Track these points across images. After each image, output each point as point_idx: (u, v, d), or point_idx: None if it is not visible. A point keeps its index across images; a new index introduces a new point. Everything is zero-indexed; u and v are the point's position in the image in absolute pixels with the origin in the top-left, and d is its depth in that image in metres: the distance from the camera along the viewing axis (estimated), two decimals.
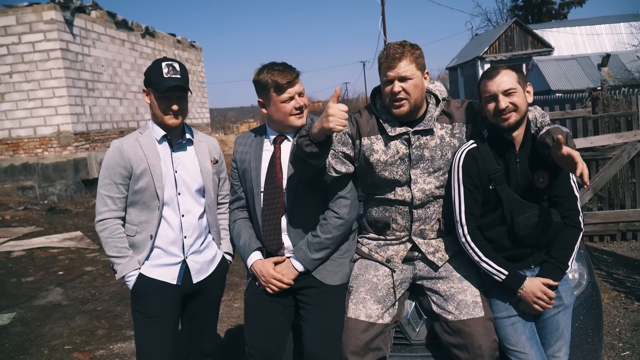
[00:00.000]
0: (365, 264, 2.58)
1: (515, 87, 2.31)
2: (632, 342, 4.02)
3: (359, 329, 2.37)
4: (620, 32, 32.29)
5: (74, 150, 13.50)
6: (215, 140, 2.89)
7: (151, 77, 2.55)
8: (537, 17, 43.22)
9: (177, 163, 2.64)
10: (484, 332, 2.32)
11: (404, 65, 2.35)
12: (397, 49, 2.37)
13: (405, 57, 2.36)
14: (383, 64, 2.41)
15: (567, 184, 2.39)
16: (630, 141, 6.63)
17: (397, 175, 2.49)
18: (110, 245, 2.56)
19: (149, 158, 2.57)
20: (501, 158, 2.39)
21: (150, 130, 2.64)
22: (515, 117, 2.31)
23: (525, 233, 2.33)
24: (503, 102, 2.28)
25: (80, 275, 6.89)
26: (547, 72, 26.69)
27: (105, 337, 4.81)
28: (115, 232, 2.56)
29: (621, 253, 6.37)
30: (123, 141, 2.61)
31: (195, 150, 2.72)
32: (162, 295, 2.59)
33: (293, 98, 2.54)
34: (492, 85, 2.32)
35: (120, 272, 2.57)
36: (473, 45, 37.24)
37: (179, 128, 2.66)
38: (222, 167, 2.86)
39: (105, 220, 2.57)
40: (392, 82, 2.38)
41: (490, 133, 2.42)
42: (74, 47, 13.81)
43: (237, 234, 2.75)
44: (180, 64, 2.60)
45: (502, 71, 2.34)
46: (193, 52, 22.51)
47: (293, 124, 2.58)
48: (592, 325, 2.70)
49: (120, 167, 2.55)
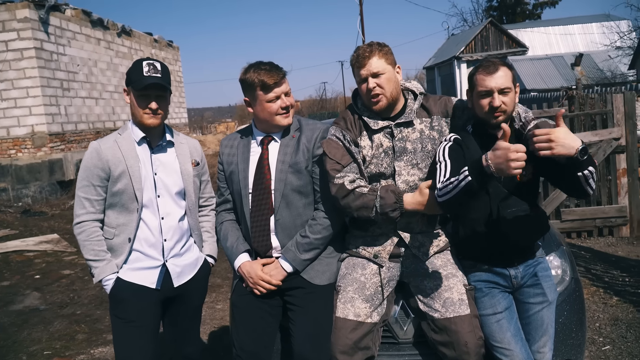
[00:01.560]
0: (353, 262, 2.59)
1: (510, 86, 2.30)
2: (612, 337, 4.09)
3: (348, 328, 2.38)
4: (592, 32, 32.95)
5: (49, 151, 13.25)
6: (197, 142, 2.85)
7: (131, 75, 2.52)
8: (512, 18, 43.84)
9: (157, 165, 2.60)
10: (470, 330, 2.34)
11: (374, 62, 2.43)
12: (366, 48, 2.47)
13: (374, 55, 2.44)
14: (355, 65, 2.49)
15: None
16: (605, 139, 6.77)
17: (382, 168, 2.52)
18: (87, 248, 2.51)
19: (128, 160, 2.52)
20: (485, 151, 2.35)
21: (130, 131, 2.59)
22: (503, 117, 2.31)
23: (511, 227, 2.32)
24: (497, 100, 2.27)
25: (58, 279, 6.76)
26: (522, 71, 27.12)
27: (85, 341, 4.73)
28: (92, 235, 2.51)
29: (598, 249, 6.50)
30: (101, 142, 2.56)
31: (176, 152, 2.67)
32: (141, 300, 2.53)
33: (279, 97, 2.53)
34: (490, 81, 2.28)
35: (98, 276, 2.51)
36: (449, 45, 37.60)
37: (159, 129, 2.62)
38: (204, 169, 2.82)
39: (83, 222, 2.51)
40: (366, 80, 2.45)
41: (475, 128, 2.43)
42: (49, 46, 13.56)
43: (225, 236, 2.72)
44: (162, 64, 2.56)
45: (501, 67, 2.31)
46: (170, 51, 22.29)
47: (279, 124, 2.58)
48: (576, 320, 2.74)
49: (98, 169, 2.50)
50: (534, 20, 41.37)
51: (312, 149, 2.59)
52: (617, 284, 5.22)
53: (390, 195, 2.36)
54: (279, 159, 2.59)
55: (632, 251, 6.33)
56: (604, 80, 23.35)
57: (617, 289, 5.07)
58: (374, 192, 2.40)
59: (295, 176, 2.57)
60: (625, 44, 26.26)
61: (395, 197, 2.36)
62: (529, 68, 27.85)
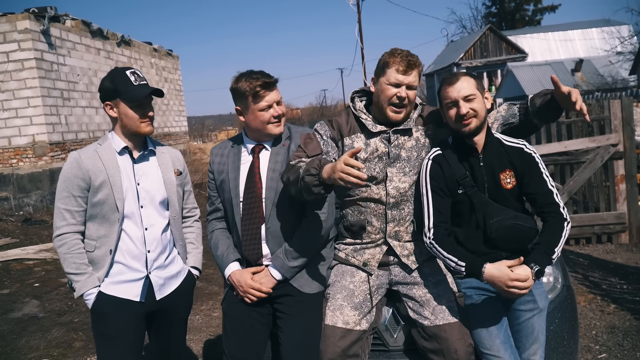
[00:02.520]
0: (342, 270, 2.59)
1: (475, 92, 2.36)
2: (608, 345, 4.08)
3: (337, 336, 2.38)
4: (592, 37, 32.92)
5: (49, 160, 13.29)
6: (179, 152, 2.84)
7: (118, 87, 2.47)
8: (511, 24, 43.87)
9: (140, 175, 2.57)
10: (460, 337, 2.34)
11: (414, 74, 2.45)
12: (413, 57, 2.45)
13: (417, 68, 2.46)
14: (396, 66, 2.42)
15: (540, 179, 2.40)
16: (603, 145, 6.76)
17: (374, 172, 2.51)
18: (68, 261, 2.45)
19: (108, 169, 2.48)
20: (466, 162, 2.42)
21: (110, 141, 2.55)
22: (476, 123, 2.35)
23: (497, 236, 2.33)
24: (464, 108, 2.33)
25: (57, 287, 6.77)
26: (521, 77, 27.10)
27: (82, 349, 4.73)
28: (73, 248, 2.46)
29: (596, 256, 6.48)
30: (81, 152, 2.52)
31: (158, 162, 2.65)
32: (123, 314, 2.48)
33: (271, 106, 2.54)
34: (453, 92, 2.36)
35: (79, 290, 2.45)
36: (449, 51, 37.62)
37: (141, 138, 2.60)
38: (187, 179, 2.79)
39: (63, 235, 2.46)
40: (400, 87, 2.43)
41: (454, 139, 2.46)
42: (49, 57, 13.63)
43: (215, 245, 2.72)
44: (139, 70, 2.56)
45: (462, 77, 2.39)
46: (170, 60, 22.37)
47: (271, 132, 2.59)
48: (568, 328, 2.74)
49: (78, 179, 2.46)
50: (533, 26, 41.36)
51: None
52: (615, 292, 5.21)
53: (314, 161, 2.25)
54: (269, 167, 2.60)
55: (631, 258, 6.31)
56: (604, 86, 23.35)
57: (615, 297, 5.05)
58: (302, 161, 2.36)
59: None
60: (626, 49, 26.24)
61: (319, 164, 2.21)
62: (529, 74, 27.82)
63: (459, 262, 2.30)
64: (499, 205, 2.37)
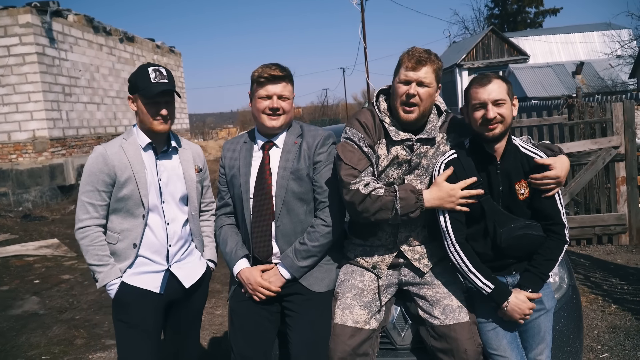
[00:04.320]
0: (351, 269, 2.59)
1: (505, 98, 2.29)
2: (610, 344, 4.09)
3: (346, 335, 2.38)
4: (593, 40, 32.96)
5: (50, 156, 13.28)
6: (200, 148, 2.88)
7: (138, 83, 2.52)
8: (513, 26, 43.93)
9: (162, 171, 2.61)
10: (470, 337, 2.34)
11: (426, 71, 2.34)
12: (423, 53, 2.36)
13: (429, 64, 2.35)
14: (405, 63, 2.36)
15: (550, 197, 2.37)
16: (604, 147, 6.77)
17: (391, 178, 2.48)
18: (91, 253, 2.50)
19: (134, 165, 2.53)
20: (482, 169, 2.37)
21: (135, 136, 2.60)
22: (501, 129, 2.30)
23: (507, 245, 2.32)
24: (492, 112, 2.26)
25: (58, 284, 6.77)
26: (523, 79, 27.15)
27: (84, 346, 4.73)
28: (96, 240, 2.51)
29: (597, 257, 6.50)
30: (107, 147, 2.56)
31: (180, 158, 2.69)
32: (145, 304, 2.54)
33: (271, 98, 2.54)
34: (483, 93, 2.29)
35: (102, 281, 2.51)
36: (451, 52, 37.64)
37: (164, 135, 2.64)
38: (206, 175, 2.84)
39: (86, 227, 2.51)
40: (409, 84, 2.35)
41: (472, 144, 2.42)
42: (51, 52, 13.62)
43: (224, 241, 2.72)
44: (166, 69, 2.58)
45: (494, 80, 2.31)
46: (172, 57, 22.37)
47: (264, 123, 2.58)
48: (573, 327, 2.74)
49: (103, 174, 2.50)
50: (535, 29, 41.42)
51: (312, 155, 2.59)
52: (616, 292, 5.22)
53: (410, 195, 2.31)
54: (280, 165, 2.59)
55: (631, 259, 6.33)
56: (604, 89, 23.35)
57: (616, 297, 5.07)
58: (391, 193, 2.32)
59: (296, 183, 2.57)
60: (626, 53, 26.27)
61: (416, 197, 2.32)
62: (530, 76, 27.85)
63: (485, 282, 2.33)
64: (509, 214, 2.35)
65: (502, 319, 2.38)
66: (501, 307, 2.32)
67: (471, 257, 2.35)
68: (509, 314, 2.33)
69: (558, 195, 2.38)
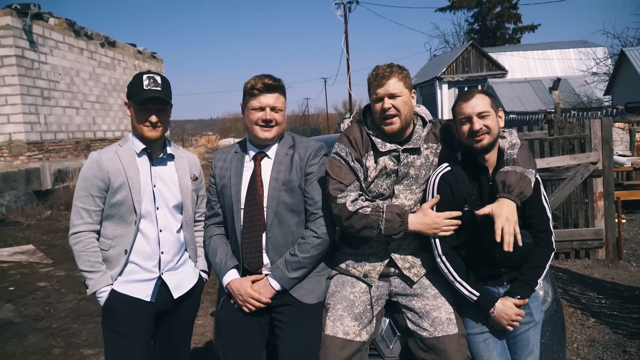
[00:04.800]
0: (342, 280, 2.59)
1: (489, 110, 2.40)
2: (589, 358, 4.16)
3: (337, 346, 2.38)
4: (569, 57, 33.72)
5: (26, 160, 13.05)
6: (197, 157, 2.87)
7: (132, 89, 2.54)
8: (492, 41, 44.72)
9: (156, 177, 2.60)
10: (458, 349, 2.36)
11: (392, 83, 2.45)
12: (386, 69, 2.49)
13: (394, 76, 2.46)
14: (372, 83, 2.50)
15: (539, 204, 2.46)
16: (583, 163, 6.91)
17: (381, 189, 2.54)
18: (83, 259, 2.49)
19: (128, 171, 2.52)
20: (475, 180, 2.45)
21: (130, 143, 2.60)
22: (488, 139, 2.39)
23: (500, 255, 2.36)
24: (477, 124, 2.37)
25: (33, 291, 6.61)
26: (501, 94, 27.60)
27: (62, 356, 4.63)
28: (89, 246, 2.49)
29: (575, 270, 6.60)
30: (102, 153, 2.56)
31: (176, 166, 2.68)
32: (135, 313, 2.52)
33: (264, 109, 2.55)
34: (467, 108, 2.41)
35: (92, 288, 2.49)
36: (431, 65, 38.10)
37: (160, 142, 2.63)
38: (202, 184, 2.83)
39: (79, 233, 2.50)
40: (382, 100, 2.46)
41: (464, 156, 2.49)
42: (30, 54, 13.43)
43: (213, 251, 2.70)
44: (162, 77, 2.57)
45: (477, 94, 2.44)
46: (154, 63, 22.21)
47: (257, 135, 2.59)
48: (557, 341, 2.79)
49: (97, 180, 2.50)
50: (513, 44, 42.23)
51: (304, 167, 2.60)
52: (594, 306, 5.30)
53: (395, 218, 2.40)
54: (272, 176, 2.60)
55: (608, 273, 6.44)
56: (580, 105, 23.88)
57: (594, 311, 5.15)
58: (377, 212, 2.42)
59: (288, 194, 2.57)
60: (601, 70, 26.93)
61: (401, 220, 2.40)
62: (508, 91, 28.34)
63: (470, 290, 2.39)
64: None
65: (493, 329, 2.41)
66: (488, 313, 2.37)
67: (458, 266, 2.42)
68: (496, 320, 2.37)
69: (546, 202, 2.48)
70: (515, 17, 45.71)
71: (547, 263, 2.46)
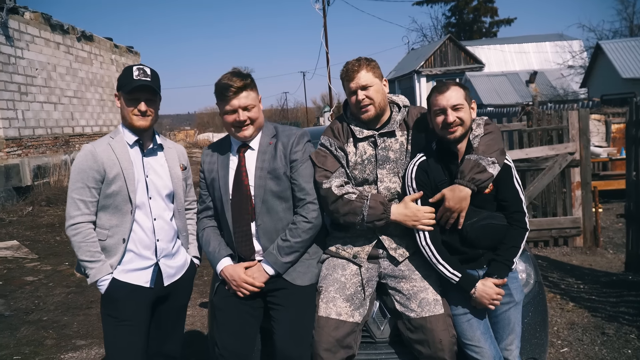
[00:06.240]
0: (333, 263, 2.70)
1: (463, 103, 2.52)
2: (569, 340, 4.33)
3: (331, 327, 2.48)
4: (546, 50, 34.23)
5: (4, 156, 12.87)
6: (183, 148, 2.95)
7: (122, 80, 2.60)
8: (469, 35, 45.16)
9: (148, 168, 2.67)
10: (444, 328, 2.48)
11: (362, 76, 2.63)
12: (354, 63, 2.67)
13: (362, 68, 2.64)
14: (344, 78, 2.69)
15: (512, 187, 2.58)
16: (561, 153, 7.11)
17: (365, 174, 2.69)
18: (83, 249, 2.54)
19: (122, 162, 2.58)
20: (447, 168, 2.57)
21: (122, 134, 2.66)
22: (461, 131, 2.52)
23: (474, 236, 2.51)
24: (451, 116, 2.48)
25: (22, 286, 6.59)
26: (478, 87, 27.95)
27: (54, 347, 4.67)
28: (88, 237, 2.54)
29: (554, 258, 6.81)
30: (95, 145, 2.62)
31: (166, 156, 2.76)
32: (135, 299, 2.59)
33: (236, 111, 2.64)
34: (442, 100, 2.52)
35: (93, 277, 2.55)
36: (410, 59, 38.35)
37: (150, 133, 2.70)
38: (189, 173, 2.92)
39: (78, 224, 2.54)
40: (355, 93, 2.63)
41: (438, 146, 2.62)
42: (6, 49, 13.21)
43: (207, 241, 2.80)
44: (152, 69, 2.64)
45: (452, 87, 2.55)
46: (131, 57, 21.98)
47: (235, 135, 2.71)
48: (540, 321, 2.92)
49: (93, 171, 2.55)
50: (490, 38, 42.68)
51: (288, 154, 2.69)
52: (573, 291, 5.50)
53: (378, 206, 2.54)
54: (257, 165, 2.70)
55: (585, 260, 6.66)
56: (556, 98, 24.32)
57: (573, 295, 5.34)
58: (361, 199, 2.56)
59: (274, 182, 2.67)
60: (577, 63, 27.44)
61: (383, 208, 2.54)
62: (486, 84, 28.70)
63: (452, 271, 2.50)
64: (472, 208, 2.52)
65: (475, 310, 2.53)
66: (470, 294, 2.49)
67: (440, 250, 2.54)
68: (478, 300, 2.49)
69: (519, 184, 2.60)
70: (491, 11, 46.22)
71: (522, 243, 2.57)
